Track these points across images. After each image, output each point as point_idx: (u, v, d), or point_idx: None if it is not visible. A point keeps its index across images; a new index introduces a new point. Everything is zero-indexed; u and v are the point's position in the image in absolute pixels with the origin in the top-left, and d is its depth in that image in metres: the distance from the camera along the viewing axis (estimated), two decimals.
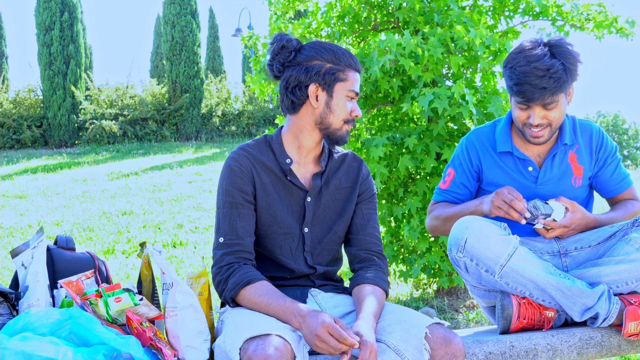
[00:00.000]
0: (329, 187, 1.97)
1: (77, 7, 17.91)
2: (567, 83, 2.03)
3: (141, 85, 18.89)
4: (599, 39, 3.99)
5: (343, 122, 1.90)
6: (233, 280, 1.78)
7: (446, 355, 1.69)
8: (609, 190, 2.28)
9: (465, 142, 2.29)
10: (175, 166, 12.56)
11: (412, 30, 4.06)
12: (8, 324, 1.60)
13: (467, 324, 3.87)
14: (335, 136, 1.91)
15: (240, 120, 19.19)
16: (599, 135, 2.24)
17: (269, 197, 1.89)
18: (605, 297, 1.95)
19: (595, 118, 36.27)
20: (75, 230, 7.19)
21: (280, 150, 1.93)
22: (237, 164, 1.89)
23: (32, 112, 17.97)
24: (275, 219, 1.89)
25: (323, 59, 1.87)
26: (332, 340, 1.57)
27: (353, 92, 1.89)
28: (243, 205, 1.86)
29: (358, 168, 2.03)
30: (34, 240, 1.89)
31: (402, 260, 4.29)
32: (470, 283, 2.12)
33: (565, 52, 2.03)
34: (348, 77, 1.88)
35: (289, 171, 1.92)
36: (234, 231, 1.83)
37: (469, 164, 2.26)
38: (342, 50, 1.90)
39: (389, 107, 4.25)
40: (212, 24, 23.78)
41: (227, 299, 1.79)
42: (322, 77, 1.86)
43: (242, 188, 1.87)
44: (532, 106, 2.05)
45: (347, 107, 1.89)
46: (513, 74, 2.03)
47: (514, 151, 2.21)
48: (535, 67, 1.99)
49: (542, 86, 1.99)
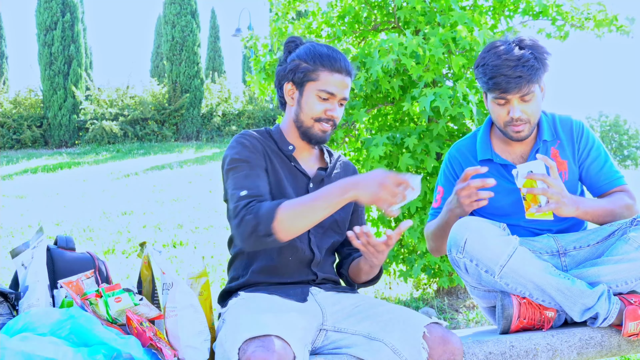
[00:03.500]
0: (330, 179, 2.04)
1: (77, 7, 17.92)
2: (540, 71, 2.08)
3: (141, 85, 18.92)
4: (599, 37, 4.00)
5: (313, 121, 1.94)
6: (265, 207, 1.74)
7: (444, 354, 1.70)
8: (597, 186, 2.23)
9: (448, 157, 2.33)
10: (176, 166, 12.57)
11: (413, 30, 4.06)
12: (8, 324, 1.60)
13: (467, 324, 3.87)
14: (308, 134, 1.96)
15: (240, 120, 19.20)
16: (579, 127, 2.25)
17: (277, 174, 1.95)
18: (605, 297, 1.95)
19: (597, 119, 36.28)
20: (75, 230, 7.19)
21: (281, 138, 2.01)
22: (247, 141, 1.94)
23: (32, 112, 17.99)
24: (284, 195, 1.93)
25: (299, 59, 1.95)
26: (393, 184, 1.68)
27: (325, 92, 1.92)
28: (261, 170, 1.90)
29: (354, 170, 2.15)
30: (34, 240, 1.89)
31: (402, 260, 4.29)
32: (470, 284, 2.12)
33: (532, 44, 2.10)
34: (320, 77, 1.92)
35: (292, 157, 2.00)
36: (257, 187, 1.84)
37: (454, 177, 2.29)
38: (323, 51, 1.94)
39: (389, 107, 4.25)
40: (213, 24, 23.81)
41: (268, 225, 1.71)
42: (294, 75, 1.94)
43: (257, 161, 1.91)
44: (509, 99, 2.09)
45: (317, 106, 1.93)
46: (486, 69, 2.08)
47: (495, 158, 2.23)
48: (507, 58, 2.05)
49: (517, 75, 2.04)
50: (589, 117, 36.01)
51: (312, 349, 1.79)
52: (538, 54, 2.08)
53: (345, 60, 1.96)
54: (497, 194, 2.21)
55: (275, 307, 1.76)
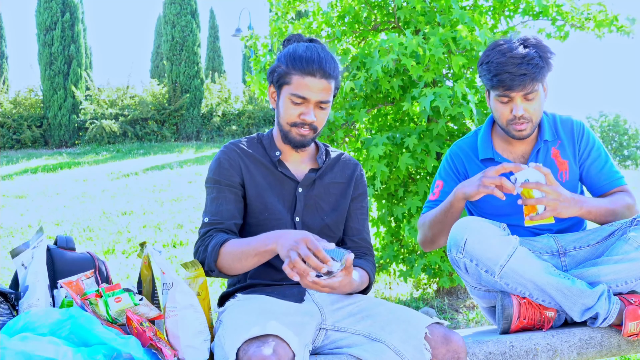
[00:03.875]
0: (323, 181, 2.01)
1: (77, 7, 17.92)
2: (544, 70, 2.08)
3: (141, 85, 18.92)
4: (599, 37, 3.99)
5: (290, 126, 1.90)
6: (212, 244, 1.81)
7: (448, 353, 1.69)
8: (598, 186, 2.23)
9: (450, 153, 2.33)
10: (176, 166, 12.56)
11: (413, 30, 4.06)
12: (8, 324, 1.60)
13: (467, 324, 3.87)
14: (287, 138, 1.93)
15: (240, 120, 19.19)
16: (579, 127, 2.25)
17: (258, 186, 1.94)
18: (605, 297, 1.95)
19: (597, 118, 36.27)
20: (75, 230, 7.19)
21: (270, 144, 2.00)
22: (225, 156, 1.95)
23: (32, 112, 17.98)
24: (266, 206, 1.93)
25: (279, 60, 1.92)
26: (306, 250, 1.57)
27: (296, 95, 1.86)
28: (229, 190, 1.92)
29: (354, 167, 2.08)
30: (34, 240, 1.89)
31: (402, 260, 4.29)
32: (470, 284, 2.13)
33: (536, 43, 2.11)
34: (292, 80, 1.86)
35: (278, 162, 1.97)
36: (219, 213, 1.89)
37: (456, 172, 2.29)
38: (299, 52, 1.87)
39: (389, 107, 4.25)
40: (212, 24, 23.81)
41: (210, 263, 1.80)
42: (272, 78, 1.93)
43: (229, 178, 1.92)
44: (513, 97, 2.09)
45: (291, 111, 1.88)
46: (490, 67, 2.09)
47: (496, 157, 2.23)
48: (512, 56, 2.06)
49: (521, 72, 2.04)
50: (589, 117, 36.00)
51: (313, 349, 1.79)
52: (542, 52, 2.09)
53: (323, 61, 1.86)
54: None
55: (273, 308, 1.76)
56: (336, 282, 1.64)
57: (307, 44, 1.92)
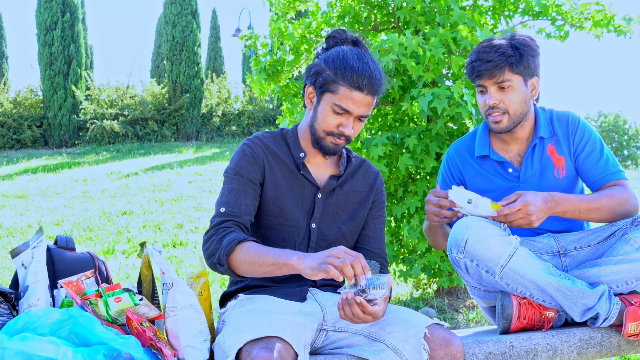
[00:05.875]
0: (343, 188, 1.97)
1: (78, 7, 17.93)
2: (515, 60, 2.10)
3: (142, 85, 18.94)
4: (597, 37, 3.99)
5: (325, 133, 1.85)
6: (229, 238, 1.73)
7: (446, 356, 1.69)
8: (593, 181, 2.18)
9: (446, 157, 2.36)
10: (176, 166, 12.56)
11: (413, 30, 4.06)
12: (8, 324, 1.60)
13: (467, 324, 3.87)
14: (319, 144, 1.88)
15: (240, 120, 19.20)
16: (574, 121, 2.24)
17: (278, 188, 1.89)
18: (605, 297, 1.95)
19: (597, 118, 36.29)
20: (75, 230, 7.19)
21: (295, 144, 1.94)
22: (250, 150, 1.89)
23: (32, 112, 17.99)
24: (282, 210, 1.89)
25: (325, 63, 1.83)
26: (348, 256, 1.52)
27: (339, 107, 1.80)
28: (250, 186, 1.86)
29: (375, 176, 2.04)
30: (34, 240, 1.89)
31: (402, 260, 4.29)
32: (471, 284, 2.12)
33: (520, 39, 2.15)
34: (339, 90, 1.80)
35: (302, 165, 1.92)
36: (238, 205, 1.82)
37: (451, 177, 2.32)
38: (350, 62, 1.79)
39: (389, 107, 4.25)
40: (214, 25, 23.81)
41: (221, 256, 1.72)
42: (316, 81, 1.85)
43: (251, 173, 1.87)
44: (487, 86, 2.15)
45: (331, 120, 1.83)
46: (469, 59, 2.17)
47: (492, 154, 2.24)
48: (484, 45, 2.15)
49: (488, 59, 2.10)
50: (588, 117, 36.03)
51: (312, 349, 1.79)
52: (520, 45, 2.12)
53: (373, 77, 1.81)
54: (494, 192, 2.22)
55: (274, 308, 1.76)
56: (380, 311, 1.60)
57: (358, 51, 1.84)
